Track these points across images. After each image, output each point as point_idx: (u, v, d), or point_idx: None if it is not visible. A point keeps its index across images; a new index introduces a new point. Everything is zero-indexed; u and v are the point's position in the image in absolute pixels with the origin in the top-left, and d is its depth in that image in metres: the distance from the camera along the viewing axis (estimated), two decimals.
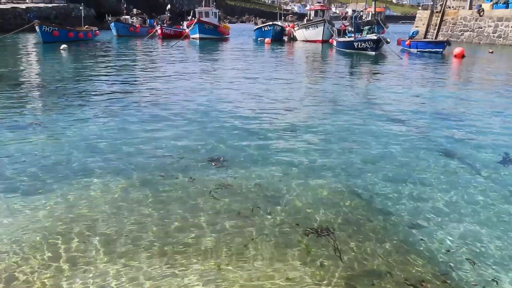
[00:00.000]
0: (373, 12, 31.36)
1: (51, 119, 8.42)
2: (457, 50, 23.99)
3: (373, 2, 30.88)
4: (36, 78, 14.53)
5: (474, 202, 4.99)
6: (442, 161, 6.32)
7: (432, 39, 30.81)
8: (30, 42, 29.97)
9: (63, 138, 7.08)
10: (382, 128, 8.13)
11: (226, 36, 42.55)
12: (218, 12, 46.69)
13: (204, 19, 39.54)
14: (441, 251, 3.96)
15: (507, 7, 36.08)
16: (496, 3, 38.04)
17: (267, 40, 35.57)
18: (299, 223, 4.38)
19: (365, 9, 49.03)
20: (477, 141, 7.38)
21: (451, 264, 3.76)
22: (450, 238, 4.19)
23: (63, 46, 24.52)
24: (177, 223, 4.35)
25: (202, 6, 44.30)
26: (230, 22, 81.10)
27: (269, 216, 4.52)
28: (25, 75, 15.02)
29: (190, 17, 45.51)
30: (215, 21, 41.58)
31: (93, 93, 11.31)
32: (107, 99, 10.42)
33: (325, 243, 4.00)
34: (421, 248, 4.00)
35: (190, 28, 38.49)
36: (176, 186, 5.28)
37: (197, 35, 37.42)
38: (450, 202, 4.98)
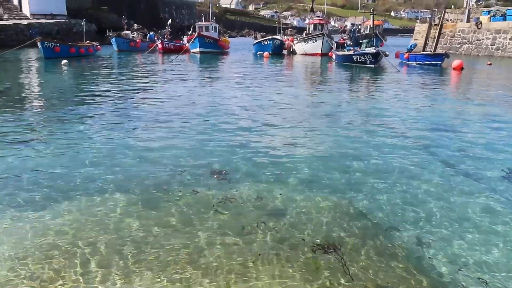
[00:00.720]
0: (371, 26, 31.72)
1: (52, 134, 8.41)
2: (456, 62, 24.11)
3: (371, 16, 31.22)
4: (37, 93, 14.59)
5: (482, 219, 4.92)
6: (446, 177, 6.27)
7: (430, 51, 31.04)
8: (32, 58, 30.19)
9: (64, 154, 7.06)
10: (384, 142, 8.10)
11: (226, 50, 42.85)
12: (218, 26, 47.10)
13: (204, 33, 39.83)
14: (451, 270, 3.88)
15: (504, 19, 36.43)
16: (494, 16, 38.43)
17: (265, 54, 35.83)
18: (305, 239, 4.32)
19: (363, 22, 49.55)
20: (481, 156, 7.33)
21: (463, 283, 3.67)
22: (459, 256, 4.13)
23: (64, 61, 24.71)
24: (180, 238, 4.30)
25: (202, 21, 44.71)
26: (230, 36, 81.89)
27: (274, 231, 4.47)
28: (26, 90, 15.10)
29: (191, 31, 45.93)
30: (215, 35, 41.89)
31: (93, 108, 11.33)
32: (107, 114, 10.43)
33: (332, 259, 3.94)
34: (430, 267, 3.93)
35: (191, 42, 38.77)
36: (179, 200, 5.26)
37: (198, 49, 37.67)
38: (457, 218, 4.92)
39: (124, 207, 5.05)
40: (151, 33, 52.24)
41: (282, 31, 51.91)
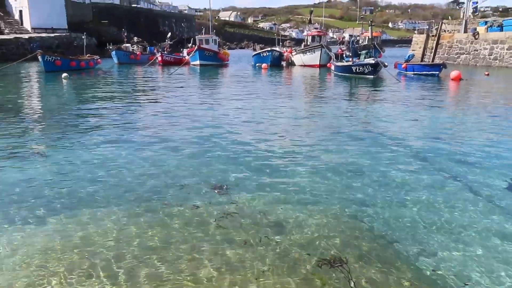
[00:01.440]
0: (369, 37, 32.02)
1: (52, 148, 8.41)
2: (454, 73, 24.23)
3: (369, 27, 31.52)
4: (37, 107, 14.65)
5: (488, 231, 4.88)
6: (449, 188, 6.25)
7: (429, 62, 31.23)
8: (32, 72, 30.37)
9: (64, 168, 7.04)
10: (386, 154, 8.09)
11: (226, 62, 43.17)
12: (218, 39, 47.50)
13: (204, 46, 40.17)
14: (457, 284, 3.83)
15: (501, 30, 36.79)
16: (491, 26, 38.82)
17: (264, 65, 36.15)
18: (310, 253, 4.28)
19: (362, 34, 50.00)
20: (482, 166, 7.31)
21: None
22: (465, 269, 4.10)
23: (64, 74, 24.87)
24: (181, 253, 4.27)
25: (202, 34, 45.11)
26: (229, 48, 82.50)
27: (277, 246, 4.43)
28: (26, 104, 15.15)
29: (191, 44, 46.30)
30: (215, 48, 42.24)
31: (93, 121, 11.35)
32: (107, 127, 10.45)
33: (339, 275, 3.89)
34: (436, 280, 3.89)
35: (191, 55, 39.05)
36: (180, 215, 5.23)
37: (198, 62, 37.94)
38: (462, 231, 4.88)
39: (124, 221, 5.02)
40: (153, 46, 52.68)
41: (280, 43, 52.29)
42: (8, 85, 22.16)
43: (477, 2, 44.59)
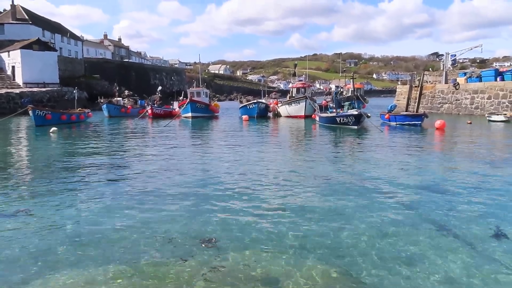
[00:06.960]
0: (352, 89, 33.26)
1: (38, 205, 8.32)
2: (438, 122, 24.84)
3: (351, 80, 32.72)
4: (24, 162, 14.56)
5: (473, 279, 4.92)
6: (435, 238, 6.30)
7: (413, 111, 32.19)
8: (22, 126, 30.50)
9: (50, 225, 6.97)
10: (372, 204, 8.16)
11: (217, 114, 43.94)
12: (209, 91, 48.62)
13: (196, 98, 40.98)
14: None
15: (480, 80, 38.38)
16: (470, 77, 40.51)
17: (244, 117, 36.83)
18: None
19: (345, 85, 51.81)
20: (467, 214, 7.42)
21: None
22: None
23: (53, 129, 25.04)
24: None
25: (193, 87, 46.16)
26: (219, 100, 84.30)
27: None
28: (13, 159, 15.10)
29: (182, 97, 47.26)
30: (206, 100, 43.11)
31: (80, 176, 11.27)
32: (94, 183, 10.41)
33: None
34: None
35: (183, 107, 39.67)
36: (167, 269, 5.18)
37: (190, 114, 38.44)
38: (450, 280, 4.92)
39: (111, 278, 4.95)
40: (143, 99, 53.64)
41: (267, 95, 53.57)
42: None
43: (455, 55, 46.77)
